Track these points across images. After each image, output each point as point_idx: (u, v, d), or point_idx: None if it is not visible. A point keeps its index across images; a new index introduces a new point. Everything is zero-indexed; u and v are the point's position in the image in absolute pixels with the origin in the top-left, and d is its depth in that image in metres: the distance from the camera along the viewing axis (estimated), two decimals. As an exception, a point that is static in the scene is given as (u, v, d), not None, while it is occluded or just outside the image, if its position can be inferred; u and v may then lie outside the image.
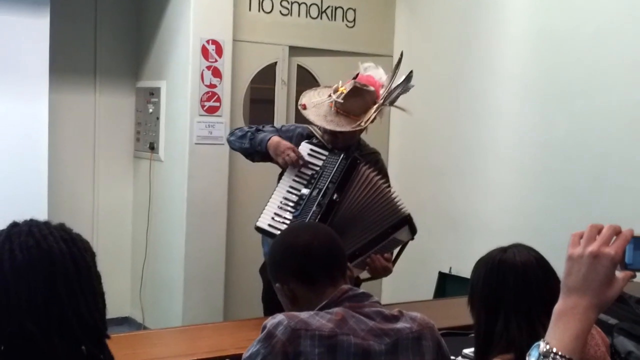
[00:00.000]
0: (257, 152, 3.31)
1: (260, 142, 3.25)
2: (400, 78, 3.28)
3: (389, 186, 3.22)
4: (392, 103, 3.28)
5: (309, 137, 3.32)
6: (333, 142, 3.23)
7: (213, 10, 4.94)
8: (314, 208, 3.06)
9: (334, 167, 3.11)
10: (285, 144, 3.21)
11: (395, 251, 3.22)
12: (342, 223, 3.05)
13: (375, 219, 3.11)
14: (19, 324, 1.29)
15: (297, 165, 3.17)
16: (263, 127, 3.42)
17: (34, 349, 1.30)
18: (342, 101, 3.14)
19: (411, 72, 3.29)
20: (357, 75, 3.25)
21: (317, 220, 3.01)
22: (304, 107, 3.25)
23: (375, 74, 3.28)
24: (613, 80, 4.09)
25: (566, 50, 4.33)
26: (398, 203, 3.15)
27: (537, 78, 4.51)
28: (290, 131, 3.38)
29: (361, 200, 3.10)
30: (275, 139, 3.23)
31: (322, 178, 3.13)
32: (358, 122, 3.17)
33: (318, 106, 3.21)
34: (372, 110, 3.20)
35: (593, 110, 4.19)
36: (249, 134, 3.30)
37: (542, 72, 4.48)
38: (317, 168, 3.18)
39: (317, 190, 3.10)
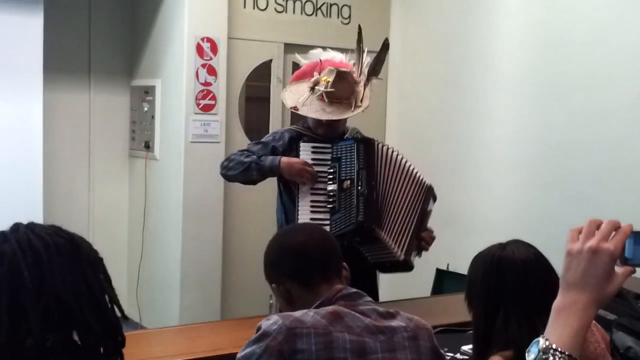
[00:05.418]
0: (265, 178, 3.33)
1: (272, 169, 3.26)
2: (365, 51, 3.36)
3: (402, 156, 3.28)
4: (377, 74, 3.36)
5: (300, 137, 3.32)
6: (328, 132, 3.26)
7: (207, 8, 4.92)
8: (357, 198, 3.07)
9: (353, 154, 3.13)
10: (297, 164, 3.21)
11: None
12: (384, 206, 3.12)
13: (410, 199, 3.19)
14: (55, 295, 1.31)
15: (315, 180, 3.18)
16: (255, 144, 3.42)
17: (69, 317, 1.33)
18: (332, 90, 3.19)
19: (387, 39, 3.39)
20: (320, 62, 3.29)
21: (364, 210, 3.05)
22: (296, 109, 3.29)
23: (334, 56, 3.35)
24: (610, 75, 4.08)
25: (563, 46, 4.32)
26: (418, 173, 3.23)
27: (534, 74, 4.49)
28: (281, 138, 3.39)
29: (392, 180, 3.17)
30: (285, 161, 3.24)
31: (345, 169, 3.14)
32: (354, 105, 3.24)
33: (308, 104, 3.24)
34: (362, 89, 3.28)
35: (590, 106, 4.17)
36: (253, 164, 3.28)
37: (539, 68, 4.47)
38: (330, 162, 3.19)
39: (348, 182, 3.11)
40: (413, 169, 3.22)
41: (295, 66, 5.32)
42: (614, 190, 4.01)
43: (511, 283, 1.95)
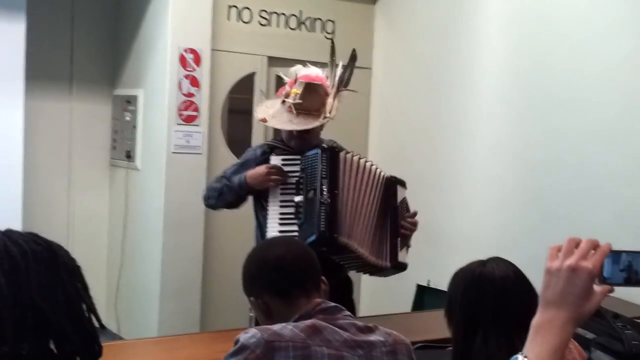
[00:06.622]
0: (241, 197, 3.35)
1: (240, 187, 3.28)
2: (339, 65, 3.37)
3: (368, 160, 3.28)
4: (346, 85, 3.38)
5: (273, 150, 3.33)
6: (300, 145, 3.27)
7: (191, 19, 4.92)
8: (319, 208, 3.05)
9: (317, 164, 3.13)
10: (260, 171, 3.23)
11: None
12: (352, 213, 3.08)
13: (378, 203, 3.16)
14: (31, 303, 1.31)
15: (284, 179, 3.18)
16: (232, 165, 3.47)
17: (45, 325, 1.32)
18: (300, 101, 3.20)
19: (354, 50, 3.40)
20: (296, 77, 3.31)
21: (328, 218, 3.01)
22: (265, 121, 3.31)
23: (311, 71, 3.37)
24: (589, 97, 4.12)
25: (543, 68, 4.36)
26: (379, 171, 3.22)
27: (515, 93, 4.53)
28: (254, 154, 3.41)
29: (358, 186, 3.14)
30: (249, 174, 3.26)
31: (309, 179, 3.13)
32: (322, 115, 3.25)
33: (277, 115, 3.25)
34: (331, 100, 3.28)
35: (569, 126, 4.22)
36: (225, 187, 3.32)
37: (520, 88, 4.50)
38: (298, 173, 3.19)
39: (312, 192, 3.10)
40: (376, 169, 3.21)
41: (279, 80, 5.34)
42: (593, 209, 4.04)
43: (491, 300, 1.95)
